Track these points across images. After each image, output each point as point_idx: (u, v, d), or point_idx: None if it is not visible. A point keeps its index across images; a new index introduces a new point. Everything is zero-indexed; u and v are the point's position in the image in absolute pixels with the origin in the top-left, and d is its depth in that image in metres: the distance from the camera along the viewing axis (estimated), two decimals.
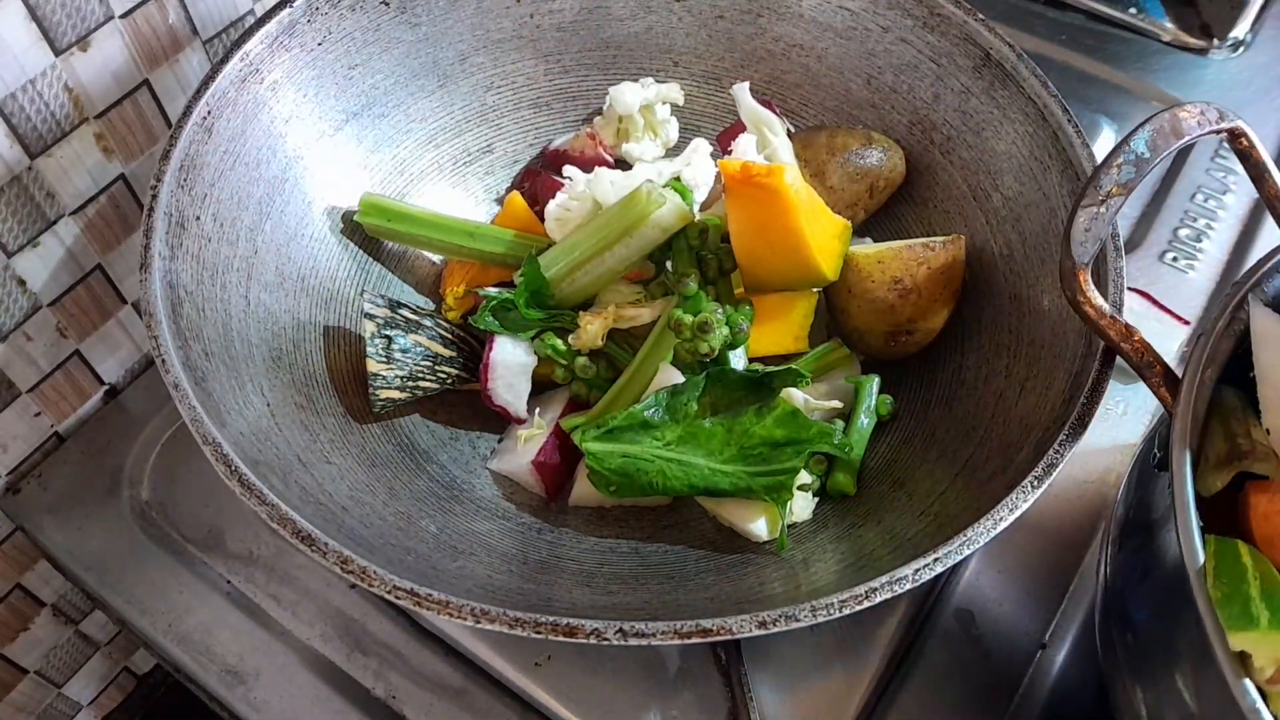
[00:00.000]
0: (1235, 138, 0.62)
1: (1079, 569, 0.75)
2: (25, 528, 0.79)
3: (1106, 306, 0.59)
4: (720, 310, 0.68)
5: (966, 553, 0.55)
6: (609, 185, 0.73)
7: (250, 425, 0.62)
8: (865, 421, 0.72)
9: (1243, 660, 0.46)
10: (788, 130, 0.79)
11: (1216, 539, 0.50)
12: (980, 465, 0.65)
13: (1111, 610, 0.59)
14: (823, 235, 0.69)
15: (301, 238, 0.75)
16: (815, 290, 0.71)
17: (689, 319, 0.67)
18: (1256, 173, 0.62)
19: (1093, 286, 0.59)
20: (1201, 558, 0.47)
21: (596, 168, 0.75)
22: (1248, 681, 0.45)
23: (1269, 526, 0.51)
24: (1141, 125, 0.58)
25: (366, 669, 0.71)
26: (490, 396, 0.72)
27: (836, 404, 0.71)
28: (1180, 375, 0.55)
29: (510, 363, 0.72)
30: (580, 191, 0.74)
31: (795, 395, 0.69)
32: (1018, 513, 0.56)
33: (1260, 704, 0.44)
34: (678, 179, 0.72)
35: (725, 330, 0.67)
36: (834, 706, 0.68)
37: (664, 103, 0.83)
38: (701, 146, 0.72)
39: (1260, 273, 0.57)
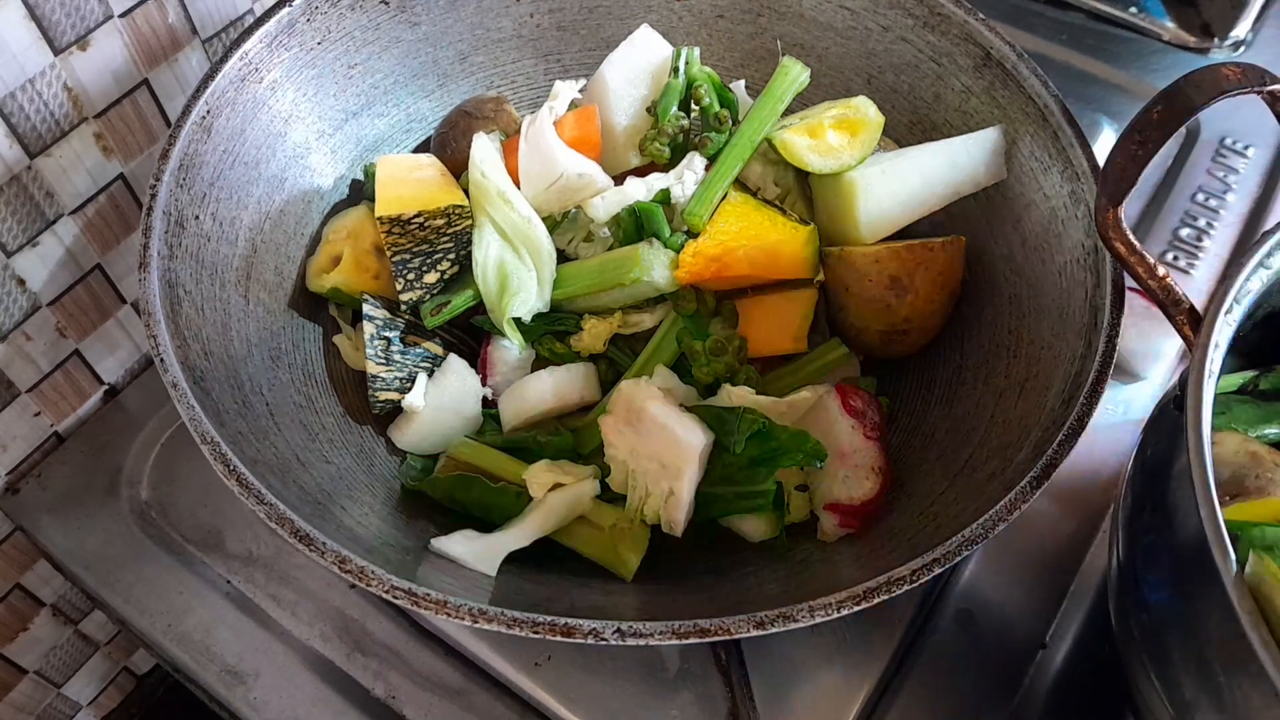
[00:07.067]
0: (1276, 100, 0.62)
1: (1079, 569, 0.75)
2: (25, 528, 0.79)
3: (1136, 243, 0.59)
4: (724, 325, 0.67)
5: (965, 553, 0.55)
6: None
7: (249, 425, 0.62)
8: None
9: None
10: None
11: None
12: (979, 466, 0.65)
13: (1126, 588, 0.58)
14: (790, 259, 0.70)
15: (301, 237, 0.75)
16: (813, 289, 0.71)
17: (700, 345, 0.66)
18: None
19: (1124, 223, 0.59)
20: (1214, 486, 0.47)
21: None
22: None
23: None
24: (1184, 77, 0.58)
25: (366, 669, 0.71)
26: (493, 390, 0.72)
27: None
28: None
29: (508, 358, 0.72)
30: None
31: (732, 393, 0.67)
32: (1016, 513, 0.56)
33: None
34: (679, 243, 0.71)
35: (737, 343, 0.66)
36: (834, 706, 0.68)
37: None
38: (696, 162, 0.72)
39: None
